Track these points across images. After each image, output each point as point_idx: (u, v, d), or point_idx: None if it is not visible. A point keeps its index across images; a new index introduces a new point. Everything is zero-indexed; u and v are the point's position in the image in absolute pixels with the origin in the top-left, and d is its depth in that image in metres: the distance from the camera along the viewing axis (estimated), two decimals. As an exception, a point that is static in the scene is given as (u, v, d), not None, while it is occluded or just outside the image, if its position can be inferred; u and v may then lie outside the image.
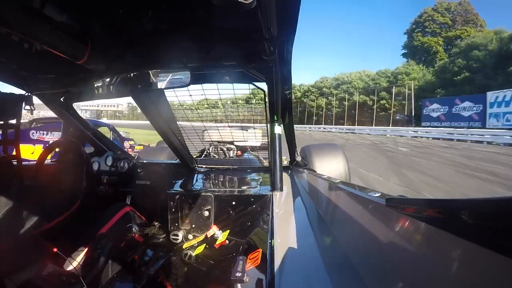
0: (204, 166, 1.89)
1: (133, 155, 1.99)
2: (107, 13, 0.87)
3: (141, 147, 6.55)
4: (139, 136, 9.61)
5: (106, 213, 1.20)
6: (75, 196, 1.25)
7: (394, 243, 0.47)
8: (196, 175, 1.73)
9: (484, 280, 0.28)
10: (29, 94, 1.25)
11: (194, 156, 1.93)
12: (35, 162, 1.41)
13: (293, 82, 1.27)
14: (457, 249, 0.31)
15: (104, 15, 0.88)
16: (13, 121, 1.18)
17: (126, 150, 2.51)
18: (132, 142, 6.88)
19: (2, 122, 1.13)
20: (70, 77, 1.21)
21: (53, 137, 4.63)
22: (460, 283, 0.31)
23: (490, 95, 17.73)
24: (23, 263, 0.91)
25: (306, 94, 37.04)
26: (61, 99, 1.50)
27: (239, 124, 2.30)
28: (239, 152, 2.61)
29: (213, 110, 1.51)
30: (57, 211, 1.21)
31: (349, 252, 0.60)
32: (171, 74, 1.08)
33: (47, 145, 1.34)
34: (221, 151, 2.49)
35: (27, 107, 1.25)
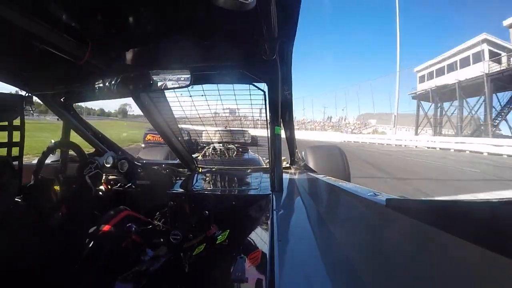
0: (204, 166, 1.89)
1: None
2: (107, 13, 0.87)
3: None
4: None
5: (105, 217, 1.20)
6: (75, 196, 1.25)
7: (394, 243, 0.47)
8: (196, 175, 1.73)
9: (484, 281, 0.28)
10: (29, 94, 1.25)
11: (194, 156, 1.93)
12: (35, 163, 1.41)
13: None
14: (457, 250, 0.31)
15: (104, 15, 0.88)
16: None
17: None
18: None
19: (7, 123, 1.13)
20: (70, 77, 1.21)
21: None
22: (460, 283, 0.31)
23: None
24: (22, 263, 0.91)
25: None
26: (62, 100, 1.50)
27: (239, 128, 2.32)
28: (239, 153, 2.61)
29: (213, 111, 1.51)
30: (57, 211, 1.21)
31: (349, 252, 0.59)
32: (171, 74, 1.08)
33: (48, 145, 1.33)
34: (221, 151, 2.50)
35: (28, 107, 1.25)
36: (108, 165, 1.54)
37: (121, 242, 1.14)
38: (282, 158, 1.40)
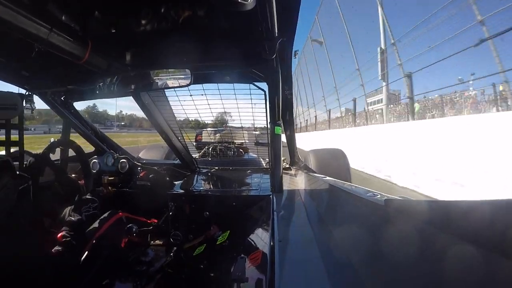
0: (204, 166, 1.89)
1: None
2: (107, 13, 0.87)
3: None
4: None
5: (101, 220, 1.20)
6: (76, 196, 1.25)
7: (393, 243, 0.47)
8: (196, 175, 1.73)
9: (483, 281, 0.28)
10: (30, 93, 1.25)
11: (194, 157, 1.93)
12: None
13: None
14: (456, 250, 0.31)
15: (104, 15, 0.88)
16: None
17: None
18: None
19: (4, 121, 1.13)
20: (70, 76, 1.21)
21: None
22: (459, 284, 0.31)
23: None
24: (22, 264, 0.91)
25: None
26: (62, 98, 1.50)
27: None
28: (239, 153, 2.61)
29: (213, 110, 1.51)
30: (57, 211, 1.21)
31: (349, 253, 0.59)
32: (171, 74, 1.08)
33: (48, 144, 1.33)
34: (221, 152, 2.49)
35: (28, 106, 1.25)
36: (108, 165, 1.54)
37: (118, 243, 1.14)
38: (282, 158, 1.40)
